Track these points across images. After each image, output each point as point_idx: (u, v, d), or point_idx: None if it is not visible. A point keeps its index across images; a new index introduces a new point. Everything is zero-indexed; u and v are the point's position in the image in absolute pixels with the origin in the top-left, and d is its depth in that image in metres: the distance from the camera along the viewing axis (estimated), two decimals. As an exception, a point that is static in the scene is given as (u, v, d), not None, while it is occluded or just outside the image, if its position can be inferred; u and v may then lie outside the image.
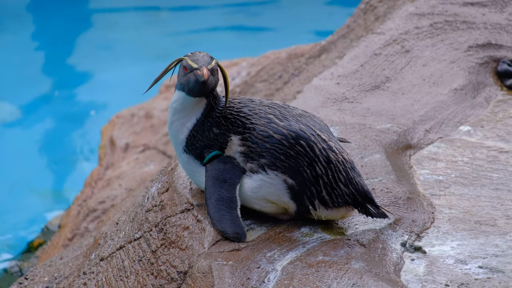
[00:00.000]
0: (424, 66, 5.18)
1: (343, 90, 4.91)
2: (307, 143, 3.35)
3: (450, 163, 4.21)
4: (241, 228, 3.37)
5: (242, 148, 3.39)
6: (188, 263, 3.37)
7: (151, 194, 3.74)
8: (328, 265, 3.20)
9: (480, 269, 3.32)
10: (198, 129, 3.46)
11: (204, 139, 3.46)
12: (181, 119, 3.49)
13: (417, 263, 3.36)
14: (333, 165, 3.34)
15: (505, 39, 5.42)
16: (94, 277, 3.75)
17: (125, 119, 9.08)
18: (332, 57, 6.06)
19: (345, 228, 3.45)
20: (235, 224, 3.37)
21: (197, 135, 3.46)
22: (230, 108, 3.46)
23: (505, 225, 3.62)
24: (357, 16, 6.43)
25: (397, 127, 4.49)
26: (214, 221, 3.39)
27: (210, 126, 3.45)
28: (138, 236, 3.64)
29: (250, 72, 8.10)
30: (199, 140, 3.46)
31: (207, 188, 3.41)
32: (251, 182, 3.38)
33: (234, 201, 3.39)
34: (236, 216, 3.38)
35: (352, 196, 3.35)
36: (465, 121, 4.69)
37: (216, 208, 3.39)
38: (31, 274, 4.80)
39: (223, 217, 3.38)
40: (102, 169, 8.48)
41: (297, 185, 3.35)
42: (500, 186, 3.97)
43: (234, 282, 3.15)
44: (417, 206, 3.69)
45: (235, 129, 3.41)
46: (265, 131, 3.37)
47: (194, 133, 3.46)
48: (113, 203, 7.30)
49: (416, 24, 5.50)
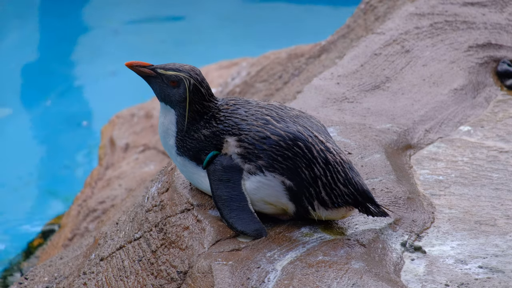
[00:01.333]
0: (424, 66, 5.18)
1: (343, 90, 4.91)
2: (305, 144, 3.34)
3: (450, 163, 4.21)
4: (259, 223, 3.35)
5: (239, 149, 3.37)
6: (188, 263, 3.37)
7: (151, 194, 3.74)
8: (328, 265, 3.20)
9: (480, 269, 3.32)
10: (184, 134, 3.44)
11: (194, 141, 3.43)
12: (164, 124, 3.49)
13: (417, 263, 3.36)
14: (331, 166, 3.33)
15: (505, 39, 5.42)
16: (94, 277, 3.75)
17: (125, 119, 9.08)
18: (332, 57, 6.06)
19: (345, 228, 3.45)
20: (252, 221, 3.35)
21: (185, 138, 3.44)
22: (224, 109, 3.44)
23: (505, 225, 3.62)
24: (357, 16, 6.43)
25: (397, 127, 4.49)
26: (231, 223, 3.35)
27: (198, 128, 3.42)
28: (138, 236, 3.63)
29: (250, 72, 8.10)
30: (189, 143, 3.44)
31: (214, 191, 3.39)
32: (249, 184, 3.37)
33: (244, 198, 3.36)
34: (250, 212, 3.35)
35: (352, 196, 3.35)
36: (465, 121, 4.69)
37: (229, 209, 3.36)
38: (31, 274, 4.80)
39: (238, 217, 3.35)
40: (102, 169, 8.48)
41: (295, 187, 3.34)
42: (500, 186, 3.97)
43: (234, 282, 3.15)
44: (417, 206, 3.69)
45: (230, 130, 3.39)
46: (262, 132, 3.36)
47: (181, 137, 3.45)
48: (113, 203, 7.30)
49: (416, 24, 5.50)
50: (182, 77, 3.40)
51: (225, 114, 3.42)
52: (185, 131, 3.44)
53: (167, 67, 3.42)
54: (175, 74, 3.41)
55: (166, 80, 3.42)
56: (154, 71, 3.43)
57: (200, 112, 3.43)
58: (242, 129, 3.38)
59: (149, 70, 3.43)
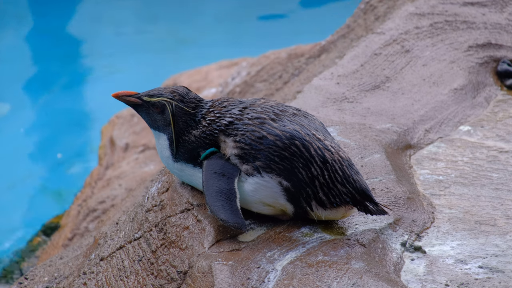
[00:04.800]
0: (424, 66, 5.18)
1: (343, 90, 4.91)
2: (302, 143, 3.32)
3: (450, 163, 4.21)
4: (242, 218, 3.31)
5: (236, 150, 3.36)
6: (188, 263, 3.37)
7: (151, 194, 3.74)
8: (328, 265, 3.20)
9: (480, 269, 3.32)
10: (176, 143, 3.48)
11: (187, 144, 3.45)
12: (158, 142, 3.56)
13: (417, 263, 3.36)
14: (329, 165, 3.32)
15: (505, 39, 5.42)
16: (94, 277, 3.75)
17: (125, 119, 9.08)
18: (332, 57, 6.06)
19: (345, 228, 3.45)
20: (235, 214, 3.31)
21: (178, 145, 3.47)
22: (212, 110, 3.45)
23: (505, 225, 3.62)
24: (357, 16, 6.43)
25: (397, 127, 4.49)
26: (214, 210, 3.31)
27: (189, 131, 3.45)
28: (138, 236, 3.64)
29: (250, 72, 8.10)
30: (182, 147, 3.46)
31: (205, 181, 3.36)
32: (246, 186, 3.36)
33: (234, 193, 3.34)
34: (235, 208, 3.32)
35: (350, 194, 3.34)
36: (465, 121, 4.69)
37: (215, 199, 3.33)
38: (31, 274, 4.80)
39: (223, 207, 3.32)
40: (102, 169, 8.49)
41: (292, 187, 3.33)
42: (500, 186, 3.97)
43: (234, 282, 3.15)
44: (417, 206, 3.69)
45: (224, 130, 3.39)
46: (258, 132, 3.34)
47: (173, 147, 3.48)
48: (113, 203, 7.30)
49: (416, 24, 5.50)
50: (164, 102, 3.47)
51: (216, 114, 3.43)
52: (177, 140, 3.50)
53: (150, 93, 3.50)
54: (157, 100, 3.48)
55: (152, 107, 3.49)
56: (140, 99, 3.51)
57: (189, 119, 3.46)
58: (238, 128, 3.37)
59: (135, 99, 3.52)
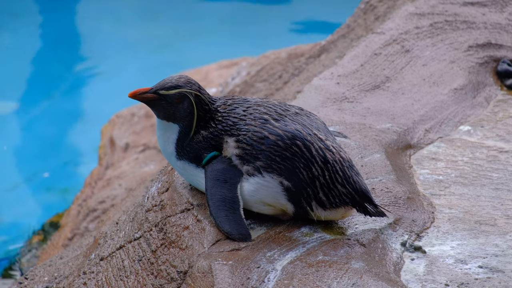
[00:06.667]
0: (424, 66, 5.18)
1: (343, 90, 4.91)
2: (303, 143, 3.32)
3: (450, 163, 4.21)
4: (246, 228, 3.34)
5: (237, 150, 3.36)
6: (188, 263, 3.37)
7: (151, 194, 3.74)
8: (328, 264, 3.20)
9: (480, 269, 3.32)
10: (184, 139, 3.45)
11: (194, 143, 3.44)
12: (164, 135, 3.50)
13: (417, 263, 3.36)
14: (330, 165, 3.32)
15: (505, 39, 5.42)
16: (94, 277, 3.75)
17: (125, 118, 9.08)
18: (332, 57, 6.06)
19: (345, 228, 3.45)
20: (239, 224, 3.34)
21: (185, 143, 3.45)
22: (221, 109, 3.44)
23: (505, 225, 3.62)
24: (357, 16, 6.43)
25: (397, 127, 4.49)
26: (218, 222, 3.35)
27: (198, 130, 3.43)
28: (138, 236, 3.64)
29: (250, 72, 8.10)
30: (188, 146, 3.45)
31: (208, 189, 3.38)
32: (247, 186, 3.36)
33: (237, 202, 3.36)
34: (239, 217, 3.35)
35: (349, 195, 3.34)
36: (465, 121, 4.69)
37: (219, 209, 3.36)
38: (31, 274, 4.80)
39: (227, 218, 3.35)
40: (102, 169, 8.49)
41: (293, 187, 3.33)
42: (500, 186, 3.97)
43: (234, 282, 3.15)
44: (417, 206, 3.69)
45: (228, 130, 3.39)
46: (260, 132, 3.34)
47: (181, 143, 3.46)
48: (113, 203, 7.30)
49: (416, 24, 5.50)
50: (185, 93, 3.42)
51: (223, 114, 3.42)
52: (184, 135, 3.46)
53: (166, 86, 3.44)
54: (177, 91, 3.43)
55: (170, 99, 3.44)
56: (156, 93, 3.45)
57: (203, 115, 3.45)
58: (240, 129, 3.37)
59: (152, 94, 3.45)
